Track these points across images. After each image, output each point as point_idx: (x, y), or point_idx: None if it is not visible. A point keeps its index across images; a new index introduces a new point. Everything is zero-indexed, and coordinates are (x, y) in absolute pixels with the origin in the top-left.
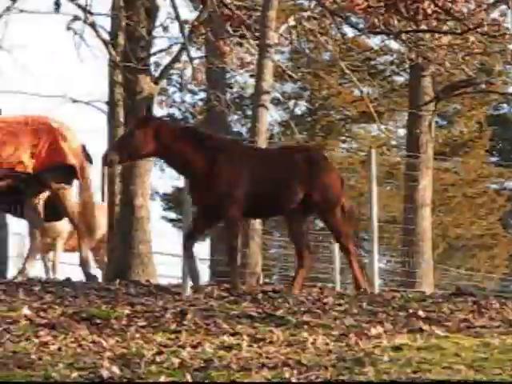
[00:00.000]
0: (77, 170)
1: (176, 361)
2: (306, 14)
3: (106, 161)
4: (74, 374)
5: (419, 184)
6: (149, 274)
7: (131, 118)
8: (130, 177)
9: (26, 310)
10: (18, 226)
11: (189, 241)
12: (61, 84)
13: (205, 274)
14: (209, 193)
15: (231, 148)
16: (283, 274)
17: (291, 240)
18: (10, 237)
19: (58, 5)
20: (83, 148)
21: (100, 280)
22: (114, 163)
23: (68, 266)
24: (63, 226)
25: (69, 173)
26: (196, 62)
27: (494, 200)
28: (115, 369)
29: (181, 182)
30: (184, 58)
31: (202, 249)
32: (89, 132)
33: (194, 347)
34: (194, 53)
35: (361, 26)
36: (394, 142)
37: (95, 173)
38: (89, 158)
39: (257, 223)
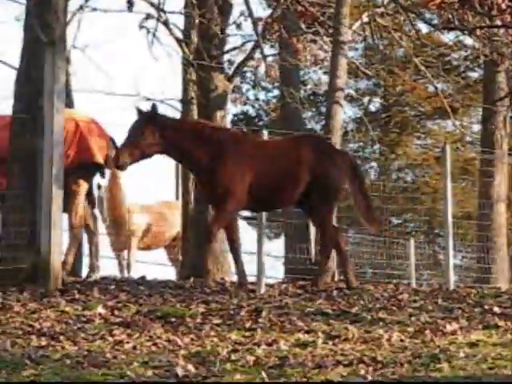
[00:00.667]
0: (103, 167)
1: (251, 358)
2: (379, 11)
3: (118, 164)
4: (149, 373)
5: (494, 180)
6: (223, 272)
7: (136, 117)
8: None
9: (100, 309)
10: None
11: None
12: (134, 83)
13: (279, 272)
14: (214, 187)
15: (236, 140)
16: (358, 271)
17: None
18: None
19: (130, 3)
20: (113, 142)
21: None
22: (126, 166)
23: (143, 265)
24: (138, 223)
25: (92, 170)
26: (269, 59)
27: None
28: (190, 367)
29: None
30: (257, 55)
31: (277, 246)
32: None
33: (269, 345)
34: (267, 50)
35: (435, 21)
36: (468, 138)
37: (170, 172)
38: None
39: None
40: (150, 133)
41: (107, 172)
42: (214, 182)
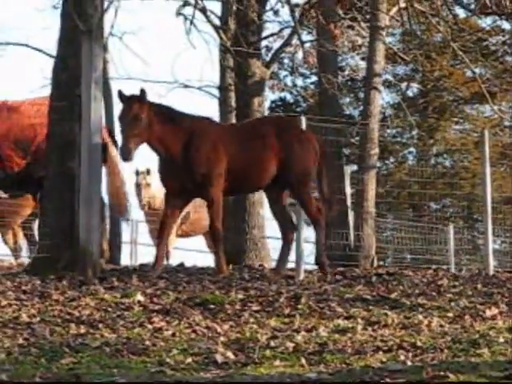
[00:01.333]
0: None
1: (290, 345)
2: None
3: (126, 156)
4: (188, 360)
5: None
6: (263, 259)
7: (127, 102)
8: None
9: (139, 296)
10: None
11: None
12: (172, 70)
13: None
14: (187, 174)
15: (205, 126)
16: (397, 257)
17: (273, 215)
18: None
19: None
20: (109, 132)
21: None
22: (132, 157)
23: (181, 252)
24: None
25: None
26: (307, 45)
27: None
28: (229, 354)
29: None
30: (295, 41)
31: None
32: None
33: (309, 331)
34: (304, 36)
35: (472, 6)
36: (507, 123)
37: None
38: (115, 142)
39: (370, 206)
40: (147, 118)
41: None
42: (193, 172)
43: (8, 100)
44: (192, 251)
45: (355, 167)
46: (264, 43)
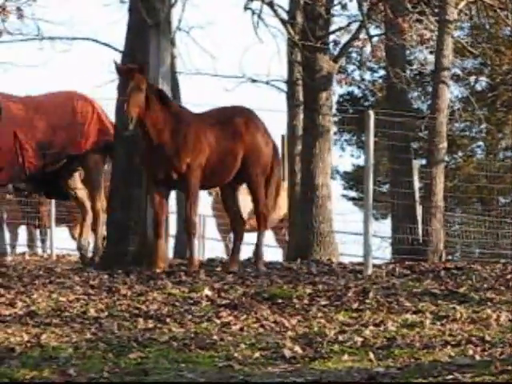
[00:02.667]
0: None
1: (359, 339)
2: None
3: (127, 126)
4: (256, 354)
5: None
6: (330, 253)
7: (129, 72)
8: (311, 155)
9: (207, 291)
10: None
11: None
12: (239, 64)
13: (386, 252)
14: (172, 162)
15: (190, 115)
16: (465, 251)
17: (225, 210)
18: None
19: None
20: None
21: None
22: (133, 129)
23: (249, 246)
24: (243, 206)
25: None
26: (375, 39)
27: None
28: (297, 348)
29: (361, 160)
30: (363, 35)
31: (384, 227)
32: (268, 112)
33: (377, 325)
34: (372, 30)
35: None
36: None
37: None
38: None
39: (438, 200)
40: (145, 92)
41: None
42: (179, 160)
43: (30, 96)
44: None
45: (424, 161)
46: (332, 37)
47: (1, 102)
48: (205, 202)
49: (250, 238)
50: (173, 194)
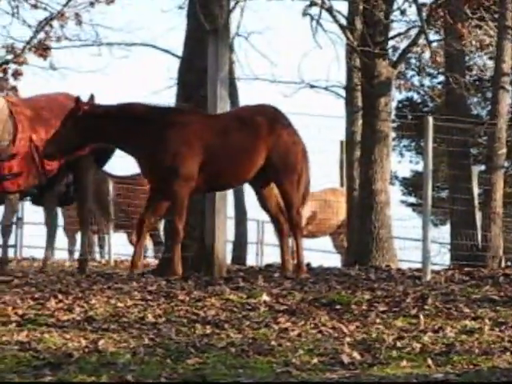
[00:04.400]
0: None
1: (417, 345)
2: None
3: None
4: (314, 360)
5: None
6: (389, 259)
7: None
8: (369, 161)
9: (265, 297)
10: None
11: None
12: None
13: (445, 258)
14: (156, 170)
15: (178, 119)
16: None
17: (263, 209)
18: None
19: None
20: None
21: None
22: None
23: (308, 252)
24: (303, 211)
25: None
26: (434, 45)
27: None
28: (355, 354)
29: (420, 166)
30: (422, 41)
31: (443, 233)
32: (327, 118)
33: (435, 332)
34: (432, 36)
35: None
36: None
37: (335, 157)
38: None
39: (498, 206)
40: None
41: None
42: (158, 166)
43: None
44: (318, 251)
45: (483, 167)
46: (391, 43)
47: (11, 107)
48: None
49: (308, 243)
50: (231, 201)
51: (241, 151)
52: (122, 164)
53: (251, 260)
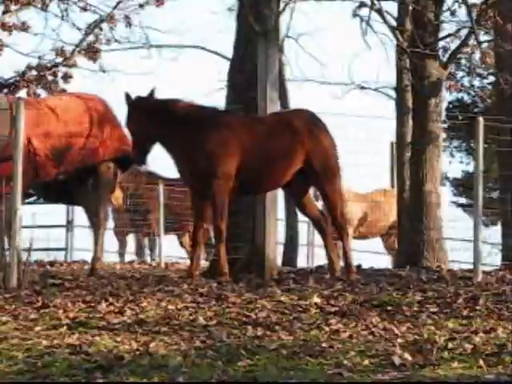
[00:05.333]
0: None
1: (469, 346)
2: None
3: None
4: (366, 362)
5: None
6: (440, 260)
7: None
8: (420, 162)
9: (316, 298)
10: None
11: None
12: (348, 71)
13: (497, 259)
14: (192, 170)
15: (219, 120)
16: None
17: (302, 213)
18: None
19: None
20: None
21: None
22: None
23: (359, 253)
24: (353, 212)
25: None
26: (484, 45)
27: None
28: (407, 355)
29: (471, 166)
30: (472, 41)
31: (494, 233)
32: (377, 118)
33: (487, 332)
34: (482, 36)
35: None
36: None
37: (385, 158)
38: None
39: None
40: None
41: None
42: (196, 166)
43: (44, 98)
44: (369, 253)
45: None
46: (441, 44)
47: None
48: None
49: (359, 244)
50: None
51: (278, 154)
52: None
53: (302, 262)
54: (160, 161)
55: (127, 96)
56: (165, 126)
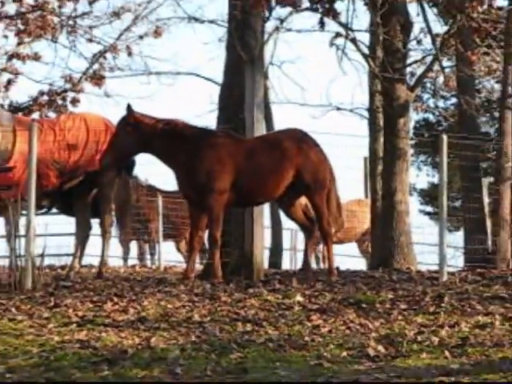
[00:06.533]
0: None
1: (435, 339)
2: None
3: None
4: (344, 353)
5: None
6: (409, 262)
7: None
8: (390, 175)
9: (299, 297)
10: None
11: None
12: (326, 94)
13: (459, 261)
14: (191, 185)
15: (215, 140)
16: None
17: (291, 219)
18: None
19: (322, 23)
20: None
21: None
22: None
23: (336, 257)
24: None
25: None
26: (447, 70)
27: None
28: (380, 347)
29: (435, 178)
30: (436, 67)
31: (457, 238)
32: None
33: (452, 327)
34: (445, 63)
35: None
36: None
37: (360, 172)
38: None
39: (506, 214)
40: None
41: None
42: (195, 181)
43: (45, 118)
44: (346, 256)
45: (492, 179)
46: (408, 69)
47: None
48: None
49: (336, 249)
50: (267, 212)
51: (268, 171)
52: (170, 179)
53: (286, 265)
54: (158, 176)
55: (128, 107)
56: (167, 144)
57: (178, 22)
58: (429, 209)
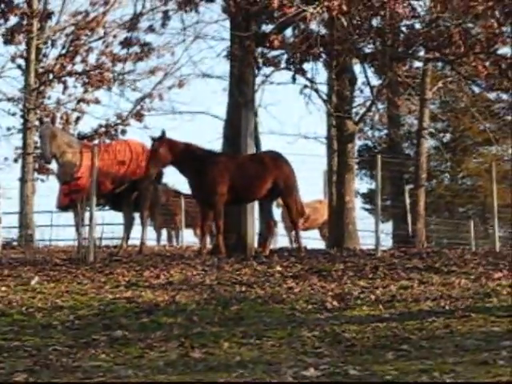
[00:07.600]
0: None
1: (373, 297)
2: (449, 79)
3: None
4: (309, 307)
5: None
6: (355, 243)
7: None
8: (342, 183)
9: (278, 268)
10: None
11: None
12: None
13: (389, 242)
14: (201, 189)
15: (217, 158)
16: (438, 241)
17: (260, 217)
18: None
19: (294, 79)
20: None
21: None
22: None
23: (304, 240)
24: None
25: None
26: (381, 111)
27: None
28: (335, 302)
29: (373, 185)
30: (374, 109)
31: (387, 227)
32: (315, 156)
33: (384, 288)
34: (380, 105)
35: (483, 85)
36: (506, 158)
37: (320, 181)
38: None
39: (421, 210)
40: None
41: None
42: (204, 186)
43: (102, 143)
44: (310, 239)
45: (411, 186)
46: (354, 110)
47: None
48: (277, 212)
49: (304, 234)
50: (257, 208)
51: (254, 179)
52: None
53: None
54: (183, 184)
55: (163, 132)
56: (185, 160)
57: (195, 77)
58: (368, 206)
